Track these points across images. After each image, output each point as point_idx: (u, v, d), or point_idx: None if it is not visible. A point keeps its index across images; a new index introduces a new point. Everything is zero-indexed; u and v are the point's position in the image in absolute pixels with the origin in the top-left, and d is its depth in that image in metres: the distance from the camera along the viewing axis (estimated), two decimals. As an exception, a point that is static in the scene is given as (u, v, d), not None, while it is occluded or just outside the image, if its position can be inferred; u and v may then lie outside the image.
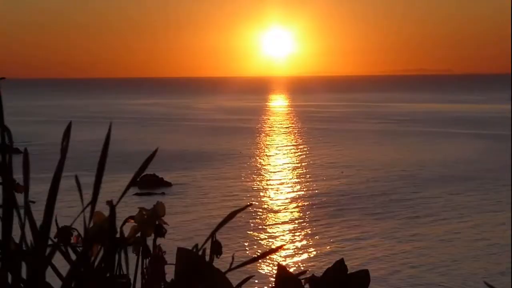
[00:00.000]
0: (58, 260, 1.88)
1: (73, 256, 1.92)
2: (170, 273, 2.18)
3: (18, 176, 1.88)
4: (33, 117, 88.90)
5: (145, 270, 2.19)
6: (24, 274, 1.77)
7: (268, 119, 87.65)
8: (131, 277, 2.08)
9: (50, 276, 1.86)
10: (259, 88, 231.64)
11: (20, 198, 1.83)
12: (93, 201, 1.79)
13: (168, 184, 35.77)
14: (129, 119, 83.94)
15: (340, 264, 2.43)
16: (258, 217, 28.56)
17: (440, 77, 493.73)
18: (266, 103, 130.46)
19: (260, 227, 27.27)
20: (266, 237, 25.86)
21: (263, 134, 65.90)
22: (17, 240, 1.81)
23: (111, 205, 1.75)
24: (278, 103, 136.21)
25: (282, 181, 38.41)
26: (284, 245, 14.27)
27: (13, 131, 1.84)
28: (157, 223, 2.21)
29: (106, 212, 1.89)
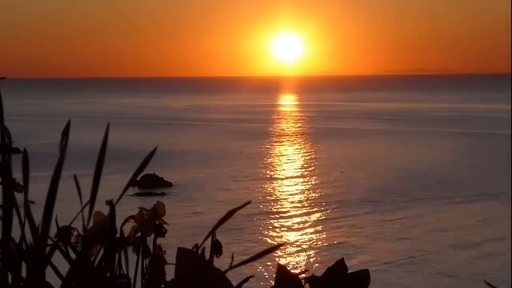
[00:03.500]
0: (58, 259, 1.88)
1: (73, 256, 1.92)
2: (170, 273, 2.18)
3: (16, 176, 1.88)
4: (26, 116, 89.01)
5: (145, 270, 2.18)
6: (24, 274, 1.77)
7: (269, 119, 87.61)
8: (131, 277, 2.08)
9: (50, 275, 1.86)
10: (265, 88, 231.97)
11: (19, 197, 1.82)
12: (92, 201, 1.78)
13: (168, 184, 35.75)
14: (130, 119, 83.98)
15: (340, 264, 2.43)
16: (258, 216, 28.55)
17: (443, 77, 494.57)
18: (267, 103, 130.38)
19: (260, 226, 27.26)
20: (266, 236, 25.87)
21: (263, 134, 65.87)
22: (17, 240, 1.80)
23: (111, 205, 1.75)
24: (281, 102, 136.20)
25: (282, 180, 38.41)
26: (283, 243, 14.24)
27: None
28: (157, 223, 2.21)
29: (105, 211, 1.89)
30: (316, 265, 21.93)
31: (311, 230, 26.92)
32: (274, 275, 2.39)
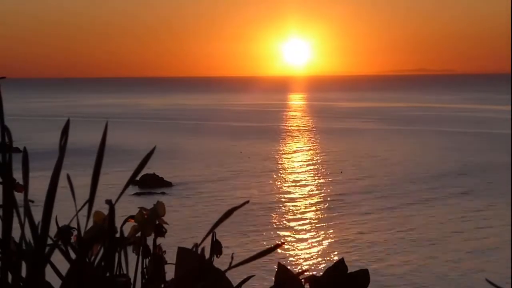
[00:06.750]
0: (58, 259, 1.88)
1: (73, 255, 1.92)
2: (170, 272, 2.18)
3: (17, 176, 1.87)
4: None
5: (145, 270, 2.18)
6: (24, 274, 1.77)
7: (269, 118, 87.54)
8: (131, 277, 2.08)
9: (50, 275, 1.86)
10: (271, 88, 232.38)
11: (19, 197, 1.82)
12: (91, 200, 1.78)
13: (168, 184, 35.74)
14: (131, 119, 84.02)
15: (340, 264, 2.43)
16: (257, 216, 28.54)
17: (446, 77, 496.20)
18: (268, 102, 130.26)
19: (259, 225, 27.25)
20: (266, 235, 25.86)
21: (263, 134, 65.84)
22: (17, 240, 1.80)
23: (110, 204, 1.74)
24: (283, 102, 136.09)
25: (282, 180, 38.40)
26: (284, 243, 14.24)
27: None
28: (157, 222, 2.21)
29: (106, 211, 1.88)
30: (316, 264, 21.94)
31: (311, 229, 26.91)
32: (274, 275, 2.39)
